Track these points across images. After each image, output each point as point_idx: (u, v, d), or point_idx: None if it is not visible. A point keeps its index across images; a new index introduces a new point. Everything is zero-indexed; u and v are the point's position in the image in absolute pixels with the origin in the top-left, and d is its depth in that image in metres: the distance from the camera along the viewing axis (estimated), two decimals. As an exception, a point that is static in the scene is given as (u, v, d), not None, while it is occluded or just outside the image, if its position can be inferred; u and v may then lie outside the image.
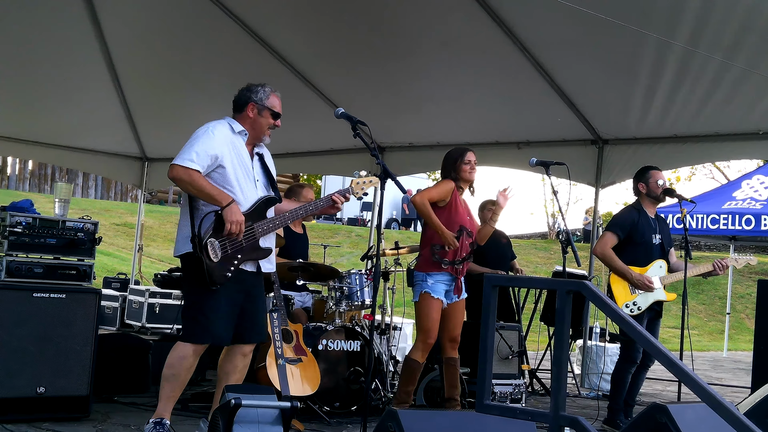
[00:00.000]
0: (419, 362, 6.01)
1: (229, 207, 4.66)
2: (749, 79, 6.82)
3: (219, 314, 4.76)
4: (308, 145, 10.37)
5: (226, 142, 4.82)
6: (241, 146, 4.92)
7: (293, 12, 7.99)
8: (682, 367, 2.61)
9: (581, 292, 2.77)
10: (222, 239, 4.69)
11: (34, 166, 25.20)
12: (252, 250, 4.84)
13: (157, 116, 10.19)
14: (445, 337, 6.12)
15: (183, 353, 4.77)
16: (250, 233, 4.81)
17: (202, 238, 4.65)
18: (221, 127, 4.87)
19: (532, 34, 7.29)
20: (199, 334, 4.78)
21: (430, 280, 5.96)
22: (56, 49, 8.73)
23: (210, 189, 4.69)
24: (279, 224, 4.96)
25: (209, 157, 4.71)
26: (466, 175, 6.09)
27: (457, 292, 6.04)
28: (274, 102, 5.00)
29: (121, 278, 11.95)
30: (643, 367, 6.58)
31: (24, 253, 5.65)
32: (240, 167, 4.85)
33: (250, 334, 4.97)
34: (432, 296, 5.93)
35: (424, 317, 5.96)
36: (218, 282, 4.68)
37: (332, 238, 20.99)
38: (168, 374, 4.78)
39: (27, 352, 5.33)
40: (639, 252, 6.47)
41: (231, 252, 4.72)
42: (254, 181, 4.93)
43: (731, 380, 11.35)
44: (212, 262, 4.65)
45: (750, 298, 20.13)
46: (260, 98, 4.96)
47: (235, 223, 4.65)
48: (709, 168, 28.26)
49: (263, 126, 4.98)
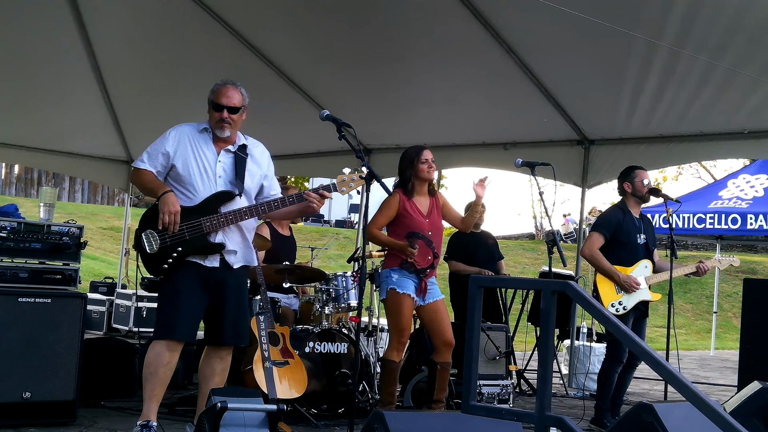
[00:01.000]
0: (396, 362, 5.90)
1: (162, 197, 4.73)
2: (735, 80, 6.85)
3: (179, 310, 4.79)
4: (296, 147, 10.36)
5: (181, 141, 4.87)
6: (206, 144, 4.92)
7: (281, 16, 7.99)
8: (667, 366, 2.62)
9: (566, 292, 2.77)
10: (162, 231, 4.75)
11: (20, 171, 25.11)
12: (198, 244, 4.80)
13: (143, 120, 10.16)
14: (439, 340, 5.98)
15: (157, 350, 4.82)
16: (196, 226, 4.77)
17: (139, 231, 4.78)
18: (182, 128, 4.96)
19: (518, 35, 7.31)
20: (164, 331, 4.84)
21: (394, 275, 5.86)
22: (42, 53, 8.70)
23: (149, 184, 4.83)
24: (234, 219, 4.85)
25: (160, 156, 4.85)
26: (424, 174, 5.97)
27: (420, 293, 5.91)
28: (217, 95, 4.94)
29: (108, 282, 11.94)
30: (630, 366, 6.59)
31: (9, 257, 5.64)
32: (194, 163, 4.86)
33: (224, 335, 4.94)
34: (398, 291, 5.82)
35: (395, 314, 5.85)
36: (154, 273, 4.82)
37: (320, 241, 20.98)
38: (146, 373, 4.83)
39: (12, 356, 5.29)
40: (624, 252, 6.48)
41: (171, 243, 4.76)
42: (213, 177, 4.88)
43: (718, 379, 11.39)
44: (147, 253, 4.77)
45: (737, 297, 20.19)
46: (210, 97, 4.97)
47: (167, 213, 4.70)
48: (695, 168, 28.33)
49: (212, 120, 4.96)
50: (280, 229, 7.40)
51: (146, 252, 4.77)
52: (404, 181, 6.02)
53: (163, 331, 4.85)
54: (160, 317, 4.90)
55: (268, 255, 7.11)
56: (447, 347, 6.00)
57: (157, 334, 4.89)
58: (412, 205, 5.97)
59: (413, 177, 5.97)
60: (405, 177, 6.00)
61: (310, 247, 10.22)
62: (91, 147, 10.98)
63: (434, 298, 5.98)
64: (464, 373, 2.91)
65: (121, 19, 8.45)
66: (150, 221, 4.78)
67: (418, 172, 5.97)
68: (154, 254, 4.77)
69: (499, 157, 9.07)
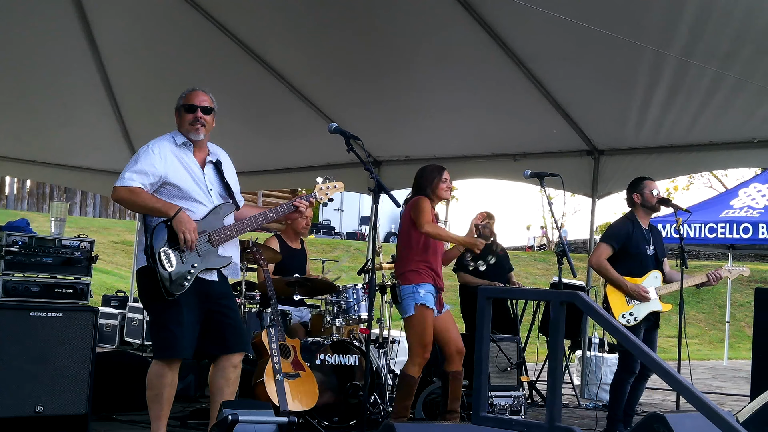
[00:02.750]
0: (415, 378, 5.94)
1: (177, 217, 4.61)
2: (744, 89, 6.85)
3: (183, 328, 4.69)
4: (305, 160, 10.38)
5: (168, 157, 4.78)
6: (188, 157, 4.86)
7: (289, 29, 8.03)
8: (677, 377, 2.61)
9: (575, 303, 2.77)
10: (175, 249, 4.63)
11: (32, 186, 25.20)
12: (209, 259, 4.76)
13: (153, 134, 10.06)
14: (452, 349, 6.05)
15: (158, 372, 4.74)
16: (206, 242, 4.74)
17: (155, 249, 4.60)
18: (162, 143, 4.85)
19: (526, 46, 7.32)
20: (167, 350, 4.74)
21: (421, 291, 5.89)
22: (53, 69, 8.78)
23: (155, 203, 4.67)
24: (237, 232, 4.86)
25: (150, 174, 4.70)
26: (443, 193, 6.08)
27: (439, 306, 6.00)
28: (188, 98, 4.91)
29: (120, 296, 11.97)
30: (642, 377, 6.56)
31: (20, 272, 5.66)
32: (188, 179, 4.80)
33: (236, 343, 4.91)
34: (428, 307, 5.87)
35: (422, 331, 5.87)
36: (174, 292, 4.61)
37: (331, 253, 20.99)
38: (150, 396, 4.77)
39: (24, 371, 5.32)
40: (634, 263, 6.46)
41: (186, 261, 4.66)
42: (207, 191, 4.86)
43: (732, 389, 11.33)
44: (166, 272, 4.60)
45: (750, 307, 20.07)
46: (177, 104, 4.94)
47: (187, 231, 4.60)
48: (707, 177, 28.30)
49: (184, 125, 4.89)
50: (289, 241, 7.41)
51: (165, 269, 4.60)
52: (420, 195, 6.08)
53: (166, 350, 4.74)
54: (163, 335, 4.74)
55: (277, 268, 7.12)
56: (459, 355, 6.07)
57: (161, 353, 4.77)
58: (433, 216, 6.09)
59: (432, 195, 6.05)
60: (423, 193, 6.05)
61: (321, 259, 10.23)
62: (103, 161, 11.03)
63: (445, 309, 6.08)
64: (474, 384, 2.92)
65: (131, 35, 8.51)
66: (161, 239, 4.64)
67: (438, 191, 6.06)
68: (171, 273, 4.62)
69: (509, 169, 9.07)
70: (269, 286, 6.18)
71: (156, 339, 4.83)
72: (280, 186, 11.66)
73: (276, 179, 11.37)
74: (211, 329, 4.83)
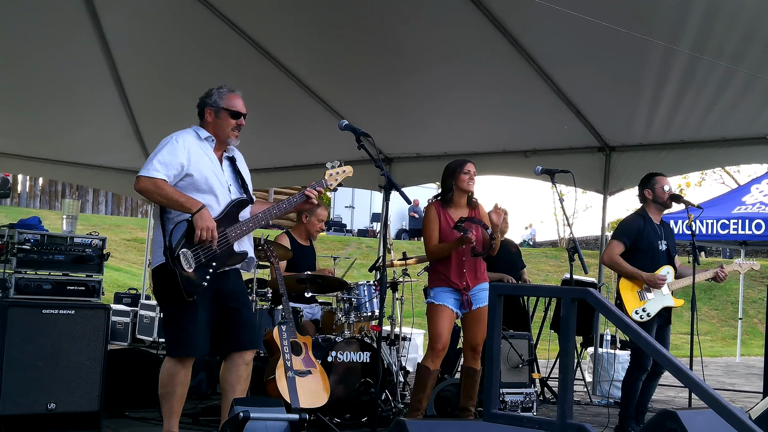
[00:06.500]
0: (430, 369, 6.01)
1: (199, 213, 4.58)
2: (755, 85, 6.83)
3: (198, 326, 4.68)
4: (316, 157, 10.36)
5: (192, 150, 4.78)
6: (210, 152, 4.87)
7: (300, 28, 8.02)
8: (688, 373, 2.60)
9: (586, 299, 2.76)
10: (195, 248, 4.60)
11: (44, 184, 25.31)
12: (227, 256, 4.75)
13: (165, 133, 10.11)
14: (466, 345, 6.19)
15: (171, 369, 4.73)
16: (224, 239, 4.72)
17: (174, 250, 4.55)
18: (185, 135, 4.87)
19: (537, 43, 7.31)
20: (181, 347, 4.72)
21: (432, 293, 6.10)
22: (65, 68, 8.79)
23: (178, 197, 4.63)
24: (253, 226, 4.86)
25: (175, 165, 4.69)
26: (464, 185, 6.13)
27: (467, 306, 6.07)
28: (232, 102, 4.94)
29: (132, 293, 12.00)
30: (654, 374, 6.55)
31: (33, 270, 5.68)
32: (210, 173, 4.79)
33: (249, 339, 4.90)
34: (435, 303, 6.03)
35: (430, 323, 6.06)
36: (194, 293, 4.59)
37: (342, 250, 21.00)
38: (163, 393, 4.76)
39: (37, 368, 5.35)
40: (645, 259, 6.44)
41: (205, 260, 4.63)
42: (227, 186, 4.86)
43: (744, 386, 11.28)
44: (186, 273, 4.56)
45: (762, 303, 20.05)
46: (215, 101, 4.94)
47: (206, 229, 4.57)
48: (719, 173, 28.16)
49: (224, 128, 4.91)
50: (299, 239, 7.42)
51: (185, 271, 4.56)
52: (445, 191, 6.21)
53: (179, 348, 4.72)
54: (177, 333, 4.72)
55: (288, 265, 7.14)
56: (473, 353, 6.14)
57: (174, 351, 4.74)
58: (445, 215, 6.13)
59: (454, 187, 6.16)
60: (446, 186, 6.20)
61: (333, 256, 10.22)
62: (114, 159, 11.05)
63: (479, 305, 6.06)
64: (485, 381, 2.91)
65: (143, 33, 8.52)
66: (181, 238, 4.59)
67: (458, 182, 6.14)
68: (191, 272, 4.58)
69: (520, 165, 9.06)
70: (281, 284, 6.19)
71: (170, 336, 4.80)
72: (292, 183, 11.63)
73: (287, 176, 11.36)
74: (224, 326, 4.82)
